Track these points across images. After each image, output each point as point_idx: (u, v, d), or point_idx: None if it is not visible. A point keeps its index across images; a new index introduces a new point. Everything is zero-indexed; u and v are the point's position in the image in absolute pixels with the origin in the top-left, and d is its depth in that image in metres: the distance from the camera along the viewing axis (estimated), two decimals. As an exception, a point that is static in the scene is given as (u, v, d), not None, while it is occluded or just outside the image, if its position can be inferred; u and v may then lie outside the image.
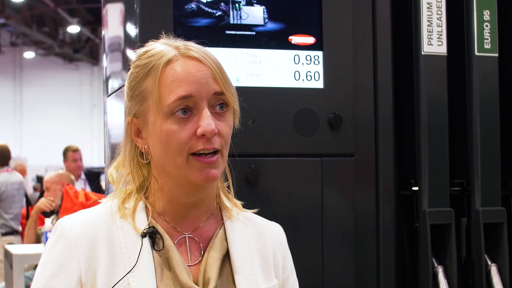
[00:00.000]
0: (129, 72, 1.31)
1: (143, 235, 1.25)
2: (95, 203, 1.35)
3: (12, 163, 6.90)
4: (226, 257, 1.30)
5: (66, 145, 6.45)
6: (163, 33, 1.34)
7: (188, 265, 1.26)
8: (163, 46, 1.28)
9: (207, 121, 1.21)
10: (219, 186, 1.36)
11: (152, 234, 1.25)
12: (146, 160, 1.28)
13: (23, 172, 8.15)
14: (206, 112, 1.22)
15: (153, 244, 1.25)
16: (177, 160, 1.22)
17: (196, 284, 1.25)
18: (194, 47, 1.27)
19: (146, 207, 1.29)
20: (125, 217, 1.27)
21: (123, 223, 1.26)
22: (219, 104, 1.25)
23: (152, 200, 1.30)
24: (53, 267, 1.23)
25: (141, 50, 1.30)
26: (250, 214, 1.40)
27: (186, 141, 1.21)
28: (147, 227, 1.26)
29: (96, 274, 1.21)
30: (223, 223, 1.33)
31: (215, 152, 1.23)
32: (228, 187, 1.38)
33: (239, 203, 1.39)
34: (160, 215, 1.29)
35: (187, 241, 1.29)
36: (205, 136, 1.21)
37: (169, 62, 1.24)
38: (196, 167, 1.22)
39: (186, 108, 1.22)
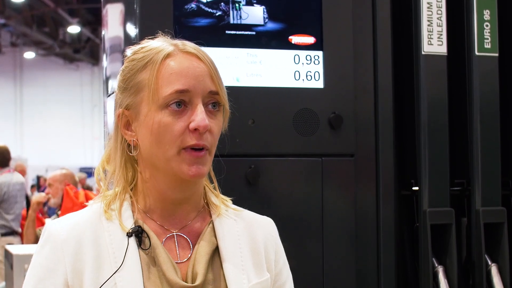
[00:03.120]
0: (123, 67, 1.32)
1: (129, 235, 1.25)
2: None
3: (12, 163, 6.89)
4: (216, 253, 1.30)
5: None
6: (159, 32, 1.35)
7: (177, 262, 1.26)
8: (160, 43, 1.29)
9: (201, 116, 1.21)
10: (206, 185, 1.36)
11: (138, 233, 1.26)
12: (134, 153, 1.28)
13: (22, 172, 8.14)
14: (201, 108, 1.22)
15: (140, 243, 1.26)
16: (168, 153, 1.22)
17: (185, 280, 1.25)
18: (191, 44, 1.29)
19: (133, 206, 1.30)
20: (111, 218, 1.27)
21: (109, 224, 1.27)
22: (211, 103, 1.26)
23: (139, 199, 1.31)
24: (41, 270, 1.25)
25: (136, 47, 1.31)
26: (239, 210, 1.40)
27: (178, 134, 1.22)
28: (133, 226, 1.26)
29: (82, 277, 1.22)
30: (212, 220, 1.33)
31: (204, 148, 1.23)
32: (214, 187, 1.38)
33: (228, 199, 1.40)
34: (147, 214, 1.30)
35: (176, 238, 1.29)
36: (197, 131, 1.21)
37: (168, 56, 1.25)
38: (185, 161, 1.22)
39: (181, 102, 1.23)
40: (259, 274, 1.32)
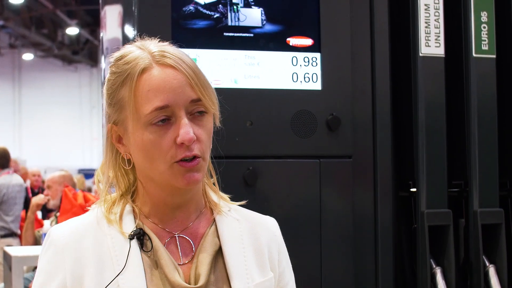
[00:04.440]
0: (106, 78, 1.30)
1: (131, 237, 1.25)
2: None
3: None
4: (219, 254, 1.30)
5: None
6: (138, 35, 1.33)
7: (180, 264, 1.27)
8: (138, 52, 1.26)
9: (185, 129, 1.20)
10: (205, 183, 1.36)
11: (139, 236, 1.26)
12: (129, 166, 1.29)
13: (24, 176, 8.14)
14: (185, 121, 1.21)
15: (142, 245, 1.26)
16: (160, 168, 1.22)
17: (188, 282, 1.25)
18: (169, 53, 1.25)
19: (134, 211, 1.30)
20: (111, 223, 1.27)
21: (111, 228, 1.27)
22: (197, 110, 1.24)
23: (139, 203, 1.31)
24: (43, 274, 1.26)
25: (117, 54, 1.29)
26: (243, 209, 1.40)
27: (166, 150, 1.21)
28: (134, 229, 1.27)
29: (82, 281, 1.23)
30: (214, 219, 1.34)
31: (196, 157, 1.23)
32: (214, 183, 1.38)
33: (226, 196, 1.39)
34: (147, 217, 1.30)
35: (178, 240, 1.29)
36: (184, 144, 1.21)
37: (144, 70, 1.23)
38: (179, 172, 1.22)
39: (164, 117, 1.21)
40: (263, 273, 1.32)
